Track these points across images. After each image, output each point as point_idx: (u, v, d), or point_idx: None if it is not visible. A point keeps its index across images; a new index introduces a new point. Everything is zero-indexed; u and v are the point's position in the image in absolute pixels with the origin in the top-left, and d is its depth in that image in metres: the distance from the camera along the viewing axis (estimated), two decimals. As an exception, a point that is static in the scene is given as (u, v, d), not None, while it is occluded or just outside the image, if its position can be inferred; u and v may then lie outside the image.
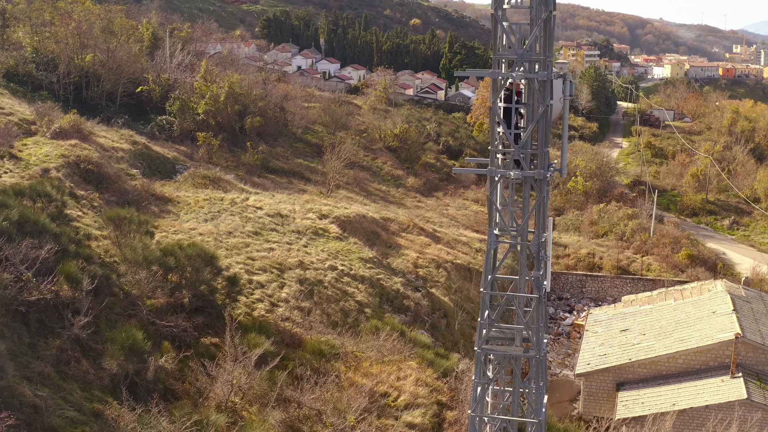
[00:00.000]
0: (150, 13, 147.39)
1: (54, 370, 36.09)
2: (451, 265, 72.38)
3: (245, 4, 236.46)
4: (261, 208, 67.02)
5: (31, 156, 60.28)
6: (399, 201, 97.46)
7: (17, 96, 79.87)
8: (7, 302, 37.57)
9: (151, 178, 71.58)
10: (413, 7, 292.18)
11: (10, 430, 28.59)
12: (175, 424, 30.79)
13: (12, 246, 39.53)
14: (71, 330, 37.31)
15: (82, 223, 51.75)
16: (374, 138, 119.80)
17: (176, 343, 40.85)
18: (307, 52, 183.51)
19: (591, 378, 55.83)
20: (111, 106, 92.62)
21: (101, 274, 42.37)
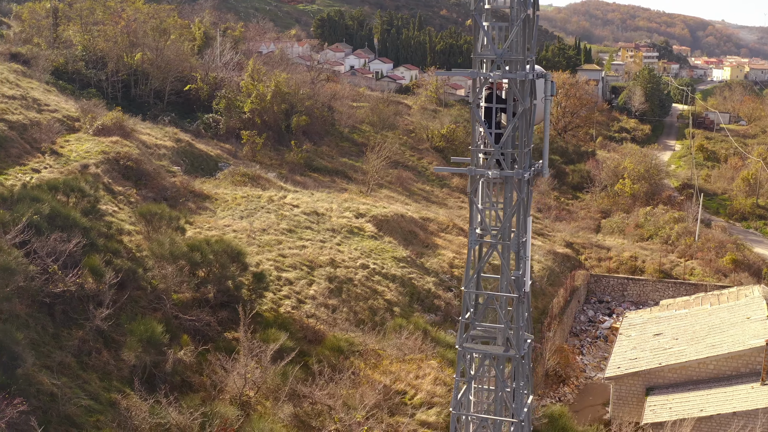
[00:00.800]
0: (203, 12, 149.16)
1: (75, 360, 37.00)
2: (488, 265, 72.16)
3: (301, 3, 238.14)
4: (298, 206, 67.59)
5: (72, 152, 61.52)
6: (442, 201, 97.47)
7: (65, 93, 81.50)
8: (33, 293, 38.59)
9: (192, 176, 72.62)
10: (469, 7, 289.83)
11: (22, 416, 29.29)
12: (183, 414, 31.34)
13: (41, 239, 40.56)
14: (93, 322, 38.18)
15: (116, 218, 52.77)
16: (421, 138, 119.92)
17: (198, 337, 41.54)
18: (360, 52, 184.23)
19: (620, 382, 55.37)
20: (159, 104, 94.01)
21: (127, 268, 43.27)
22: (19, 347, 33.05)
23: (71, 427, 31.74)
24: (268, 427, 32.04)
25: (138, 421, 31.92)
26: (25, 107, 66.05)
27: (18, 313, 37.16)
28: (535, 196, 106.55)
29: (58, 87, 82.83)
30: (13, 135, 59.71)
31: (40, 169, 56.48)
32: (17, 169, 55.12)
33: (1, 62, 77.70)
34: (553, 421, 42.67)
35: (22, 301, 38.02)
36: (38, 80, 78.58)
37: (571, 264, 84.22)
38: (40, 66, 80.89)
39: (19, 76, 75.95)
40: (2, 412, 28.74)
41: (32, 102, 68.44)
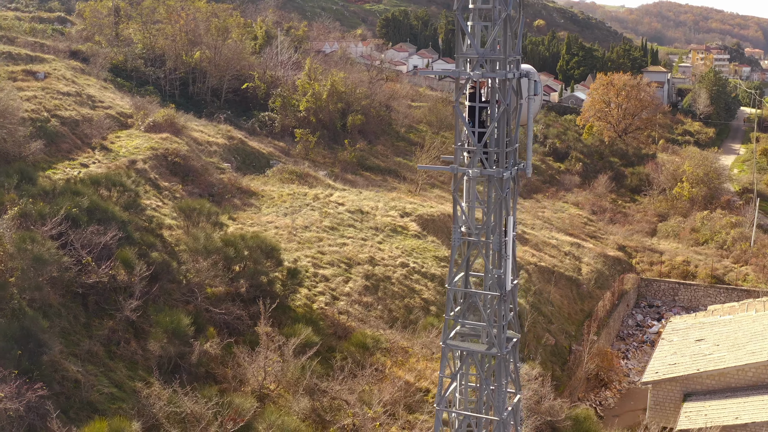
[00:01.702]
0: (267, 11, 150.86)
1: (103, 349, 38.03)
2: (533, 267, 71.97)
3: (368, 3, 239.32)
4: (343, 204, 68.17)
5: (122, 148, 62.97)
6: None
7: (122, 90, 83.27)
8: (67, 284, 39.75)
9: (242, 173, 73.71)
10: (538, 8, 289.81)
11: (41, 401, 30.27)
12: (198, 404, 32.06)
13: (77, 231, 41.74)
14: (123, 312, 39.17)
15: (159, 212, 53.96)
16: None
17: (227, 330, 42.28)
18: (424, 52, 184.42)
19: (658, 387, 54.83)
20: (216, 102, 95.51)
21: (160, 261, 44.23)
22: (45, 335, 34.11)
23: (93, 413, 32.65)
24: (280, 419, 32.59)
25: (156, 409, 32.73)
26: (79, 104, 67.74)
27: (51, 302, 38.33)
28: (591, 198, 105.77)
29: (116, 84, 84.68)
30: (65, 130, 61.35)
31: (89, 164, 57.92)
32: (66, 164, 56.63)
33: (61, 59, 79.66)
34: (577, 423, 42.51)
35: (56, 290, 39.21)
36: (96, 77, 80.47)
37: (622, 267, 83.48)
38: (98, 63, 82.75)
39: (77, 73, 77.89)
40: (22, 396, 29.76)
41: (87, 98, 70.17)
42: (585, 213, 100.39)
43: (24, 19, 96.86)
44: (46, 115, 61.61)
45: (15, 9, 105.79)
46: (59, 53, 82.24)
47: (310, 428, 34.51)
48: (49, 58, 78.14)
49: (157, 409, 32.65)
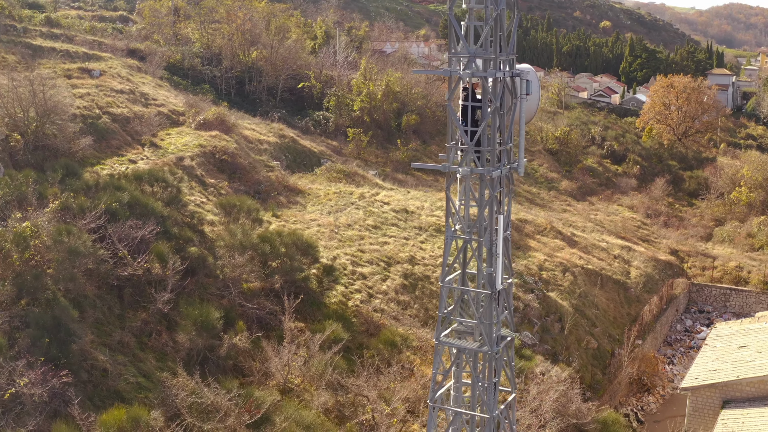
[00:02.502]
0: (328, 11, 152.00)
1: (135, 340, 39.06)
2: (580, 269, 71.49)
3: (432, 4, 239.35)
4: (388, 203, 68.57)
5: (171, 145, 64.20)
6: (546, 204, 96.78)
7: (178, 88, 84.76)
8: (103, 276, 40.88)
9: (291, 171, 74.54)
10: (604, 9, 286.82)
11: (65, 387, 31.23)
12: (218, 396, 32.77)
13: (116, 225, 42.85)
14: (155, 305, 40.12)
15: (203, 209, 54.98)
16: (535, 140, 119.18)
17: (259, 325, 42.98)
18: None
19: (697, 393, 54.09)
20: (271, 101, 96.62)
21: (197, 256, 45.13)
22: (74, 324, 35.17)
23: (119, 401, 33.56)
24: (297, 413, 33.14)
25: (179, 399, 33.50)
26: (132, 101, 69.20)
27: (86, 293, 39.46)
28: (646, 201, 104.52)
29: (172, 82, 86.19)
30: (116, 127, 62.77)
31: (137, 161, 59.19)
32: (114, 160, 57.97)
33: (118, 58, 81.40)
34: (605, 427, 42.34)
35: (92, 282, 40.37)
36: (152, 75, 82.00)
37: (673, 272, 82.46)
38: (154, 62, 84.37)
39: (132, 71, 79.52)
40: (47, 383, 30.77)
41: (140, 96, 71.64)
42: (639, 216, 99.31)
43: (85, 18, 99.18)
44: (98, 112, 63.10)
45: (78, 8, 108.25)
46: (117, 52, 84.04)
47: (327, 422, 34.99)
48: (105, 56, 79.94)
49: (180, 399, 33.40)
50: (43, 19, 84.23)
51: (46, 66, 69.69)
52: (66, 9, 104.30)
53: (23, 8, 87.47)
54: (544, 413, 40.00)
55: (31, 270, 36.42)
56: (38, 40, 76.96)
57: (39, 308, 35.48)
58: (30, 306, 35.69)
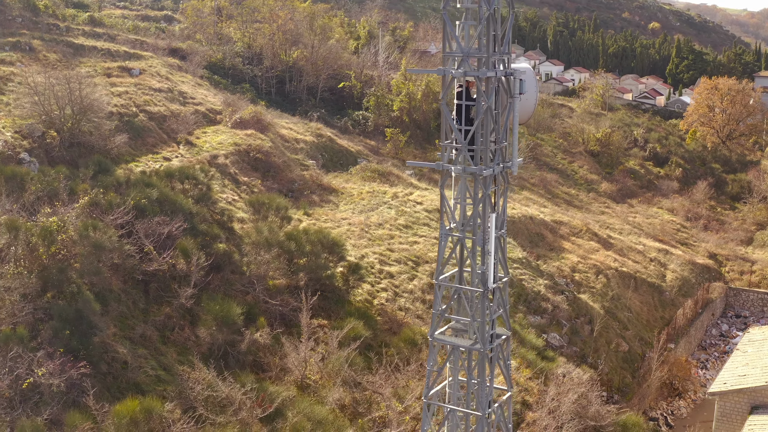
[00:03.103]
0: (372, 11, 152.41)
1: (158, 334, 39.78)
2: (614, 272, 71.15)
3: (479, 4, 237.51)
4: (421, 203, 68.77)
5: (206, 143, 65.08)
6: (585, 205, 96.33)
7: (218, 87, 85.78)
8: (129, 270, 41.68)
9: (327, 170, 75.02)
10: (653, 10, 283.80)
11: (83, 378, 31.97)
12: (233, 389, 33.32)
13: (143, 221, 43.65)
14: (179, 300, 40.83)
15: (234, 206, 55.69)
16: (577, 141, 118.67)
17: (282, 321, 43.45)
18: (532, 54, 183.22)
19: (725, 398, 53.56)
20: (311, 101, 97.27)
21: (222, 252, 45.79)
22: (96, 317, 35.95)
23: (137, 393, 34.22)
24: (310, 408, 33.55)
25: (195, 392, 34.11)
26: (170, 100, 70.24)
27: (112, 287, 40.28)
28: (687, 204, 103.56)
29: (212, 81, 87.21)
30: (152, 125, 63.81)
31: (171, 158, 60.11)
32: (149, 157, 58.96)
33: (159, 57, 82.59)
34: (625, 429, 42.23)
35: (118, 276, 41.20)
36: (192, 74, 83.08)
37: (710, 276, 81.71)
38: (194, 61, 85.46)
39: (172, 70, 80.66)
40: (65, 373, 31.55)
41: (178, 95, 72.68)
42: (679, 219, 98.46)
43: (129, 17, 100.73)
44: (135, 110, 64.17)
45: (123, 7, 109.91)
46: (158, 51, 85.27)
47: (340, 418, 35.37)
48: (146, 55, 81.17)
49: (196, 392, 34.01)
50: (86, 19, 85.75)
51: (86, 64, 71.07)
52: (111, 8, 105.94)
53: (68, 8, 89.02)
54: (561, 414, 40.01)
55: (57, 264, 37.26)
56: (80, 39, 78.40)
57: (64, 301, 36.31)
58: (55, 299, 36.55)
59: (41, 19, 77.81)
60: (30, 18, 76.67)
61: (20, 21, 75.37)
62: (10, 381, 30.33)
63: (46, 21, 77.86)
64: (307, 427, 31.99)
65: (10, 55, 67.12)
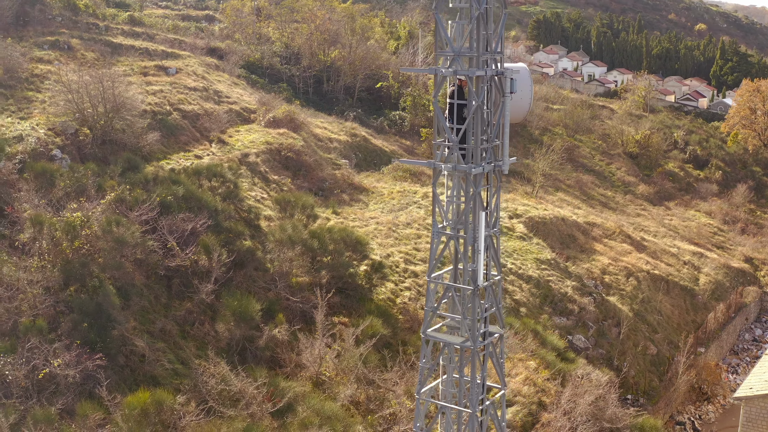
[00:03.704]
0: (413, 11, 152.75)
1: (178, 328, 40.51)
2: (645, 275, 70.73)
3: (524, 5, 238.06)
4: (451, 203, 68.83)
5: (238, 141, 65.83)
6: (620, 207, 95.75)
7: (255, 87, 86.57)
8: (152, 266, 42.47)
9: (360, 170, 75.42)
10: (700, 11, 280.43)
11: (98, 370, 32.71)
12: (244, 384, 33.88)
13: (168, 218, 44.44)
14: (199, 295, 41.53)
15: (263, 204, 56.33)
16: (616, 143, 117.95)
17: (302, 318, 43.97)
18: (575, 55, 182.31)
19: (751, 403, 53.09)
20: (348, 100, 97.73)
21: (245, 249, 46.43)
22: (116, 311, 36.72)
23: (154, 386, 34.92)
24: (320, 404, 34.01)
25: (209, 386, 34.74)
26: (204, 98, 71.12)
27: (135, 282, 41.08)
28: (725, 207, 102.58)
29: (250, 81, 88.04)
30: (185, 124, 64.69)
31: (203, 156, 60.90)
32: (181, 155, 59.78)
33: (197, 56, 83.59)
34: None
35: (141, 271, 42.01)
36: (229, 73, 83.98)
37: (745, 280, 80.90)
38: (231, 60, 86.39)
39: (209, 69, 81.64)
40: (80, 365, 32.31)
41: (213, 94, 73.56)
42: (716, 222, 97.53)
43: (169, 16, 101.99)
44: (169, 109, 65.09)
45: (165, 7, 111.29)
46: (196, 50, 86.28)
47: (350, 415, 35.77)
48: (184, 54, 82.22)
49: (210, 386, 34.63)
50: (126, 18, 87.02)
51: (123, 63, 72.21)
52: (153, 8, 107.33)
53: (109, 7, 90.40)
54: (577, 416, 40.04)
55: (81, 258, 38.10)
56: (119, 38, 79.61)
57: (86, 295, 37.13)
58: (78, 293, 37.38)
59: (81, 18, 79.15)
60: (69, 17, 78.05)
61: (60, 20, 76.74)
62: (26, 371, 31.16)
63: (86, 20, 79.19)
64: (315, 423, 32.44)
65: (48, 53, 68.40)
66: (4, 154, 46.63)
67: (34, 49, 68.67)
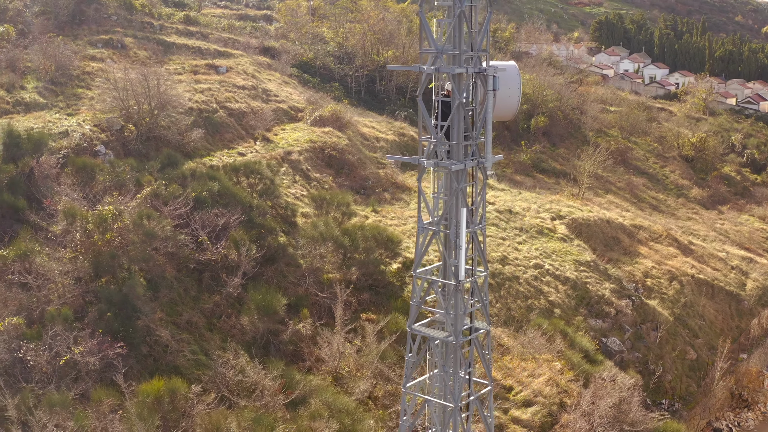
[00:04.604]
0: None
1: (206, 321, 41.52)
2: (690, 279, 70.07)
3: (588, 6, 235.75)
4: (493, 203, 69.21)
5: (282, 140, 66.85)
6: (671, 211, 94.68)
7: (307, 86, 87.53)
8: (183, 259, 43.58)
9: (405, 169, 75.85)
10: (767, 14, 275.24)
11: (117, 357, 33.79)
12: (258, 375, 34.71)
13: (201, 212, 45.52)
14: (227, 288, 42.50)
15: (301, 201, 57.21)
16: (672, 146, 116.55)
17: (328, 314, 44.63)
18: (637, 56, 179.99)
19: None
20: (400, 100, 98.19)
21: (276, 245, 47.29)
22: (141, 302, 37.82)
23: (175, 375, 35.92)
24: (333, 397, 34.67)
25: (228, 377, 35.65)
26: (252, 97, 72.31)
27: (165, 274, 42.22)
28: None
29: (302, 80, 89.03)
30: (231, 121, 65.90)
31: (246, 153, 62.01)
32: (224, 152, 60.96)
33: (249, 55, 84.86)
34: (664, 435, 42.04)
35: (172, 264, 43.13)
36: (281, 72, 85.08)
37: (798, 286, 79.49)
38: (282, 59, 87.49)
39: (261, 68, 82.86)
40: (102, 353, 33.44)
41: (261, 92, 74.74)
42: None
43: (226, 16, 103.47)
44: (215, 107, 66.34)
45: (224, 6, 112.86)
46: (249, 49, 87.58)
47: (365, 409, 36.36)
48: (236, 53, 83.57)
49: (228, 377, 35.54)
50: (181, 17, 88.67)
51: (175, 62, 73.80)
52: (212, 8, 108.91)
53: (167, 6, 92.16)
54: (596, 418, 40.10)
55: (112, 250, 39.30)
56: (173, 37, 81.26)
57: (115, 286, 38.33)
58: (108, 284, 38.59)
59: (136, 17, 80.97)
60: (125, 16, 79.92)
61: (115, 19, 78.64)
62: (49, 357, 32.36)
63: (141, 19, 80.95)
64: (324, 415, 33.14)
65: (101, 51, 70.23)
66: (48, 149, 48.14)
67: (88, 47, 70.59)
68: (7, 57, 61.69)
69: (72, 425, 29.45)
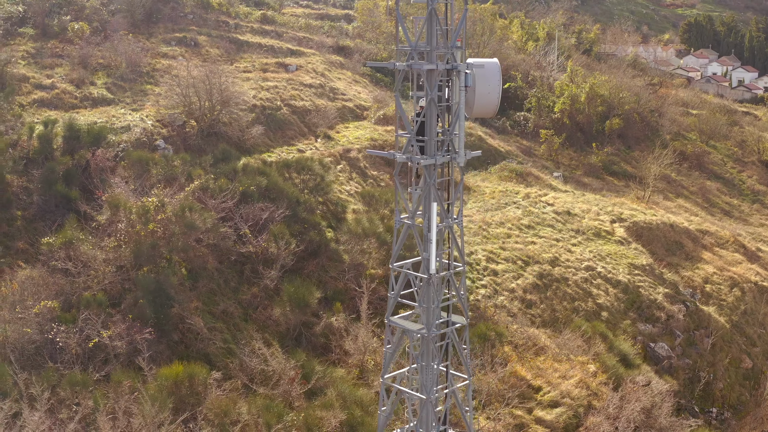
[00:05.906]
0: (556, 12, 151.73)
1: (242, 311, 42.96)
2: (752, 286, 68.90)
3: (680, 8, 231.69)
4: (552, 204, 69.20)
5: (343, 137, 68.11)
6: (744, 216, 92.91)
7: (378, 85, 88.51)
8: (225, 251, 45.13)
9: (471, 168, 76.39)
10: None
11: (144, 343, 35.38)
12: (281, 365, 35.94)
13: (246, 206, 47.04)
14: (264, 281, 43.89)
15: (355, 198, 58.35)
16: (752, 150, 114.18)
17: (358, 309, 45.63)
18: (726, 59, 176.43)
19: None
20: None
21: (318, 240, 48.46)
22: (175, 290, 39.42)
23: (205, 363, 37.43)
24: (349, 389, 35.67)
25: (252, 365, 36.99)
26: (318, 95, 73.78)
27: (207, 266, 43.80)
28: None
29: (374, 79, 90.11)
30: (294, 119, 67.46)
31: (305, 150, 63.44)
32: (284, 149, 62.52)
33: (322, 54, 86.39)
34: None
35: (214, 256, 44.69)
36: (352, 71, 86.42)
37: None
38: (354, 58, 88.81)
39: (332, 66, 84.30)
40: (129, 337, 35.10)
41: (329, 90, 76.15)
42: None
43: (306, 15, 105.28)
44: (279, 104, 67.96)
45: (306, 6, 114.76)
46: (323, 48, 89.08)
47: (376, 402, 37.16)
48: (309, 52, 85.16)
49: (252, 365, 36.88)
50: (258, 17, 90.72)
51: (245, 60, 75.74)
52: (293, 7, 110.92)
53: (246, 5, 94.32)
54: (623, 422, 40.16)
55: (153, 240, 41.03)
56: (247, 35, 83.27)
57: (155, 275, 40.02)
58: (149, 273, 40.29)
59: (211, 15, 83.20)
60: (200, 15, 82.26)
61: (191, 18, 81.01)
62: (79, 339, 34.13)
63: (216, 18, 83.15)
64: (336, 405, 34.17)
65: (174, 49, 72.53)
66: (106, 142, 50.25)
67: (162, 45, 72.93)
68: (80, 54, 64.26)
69: (91, 404, 31.08)
